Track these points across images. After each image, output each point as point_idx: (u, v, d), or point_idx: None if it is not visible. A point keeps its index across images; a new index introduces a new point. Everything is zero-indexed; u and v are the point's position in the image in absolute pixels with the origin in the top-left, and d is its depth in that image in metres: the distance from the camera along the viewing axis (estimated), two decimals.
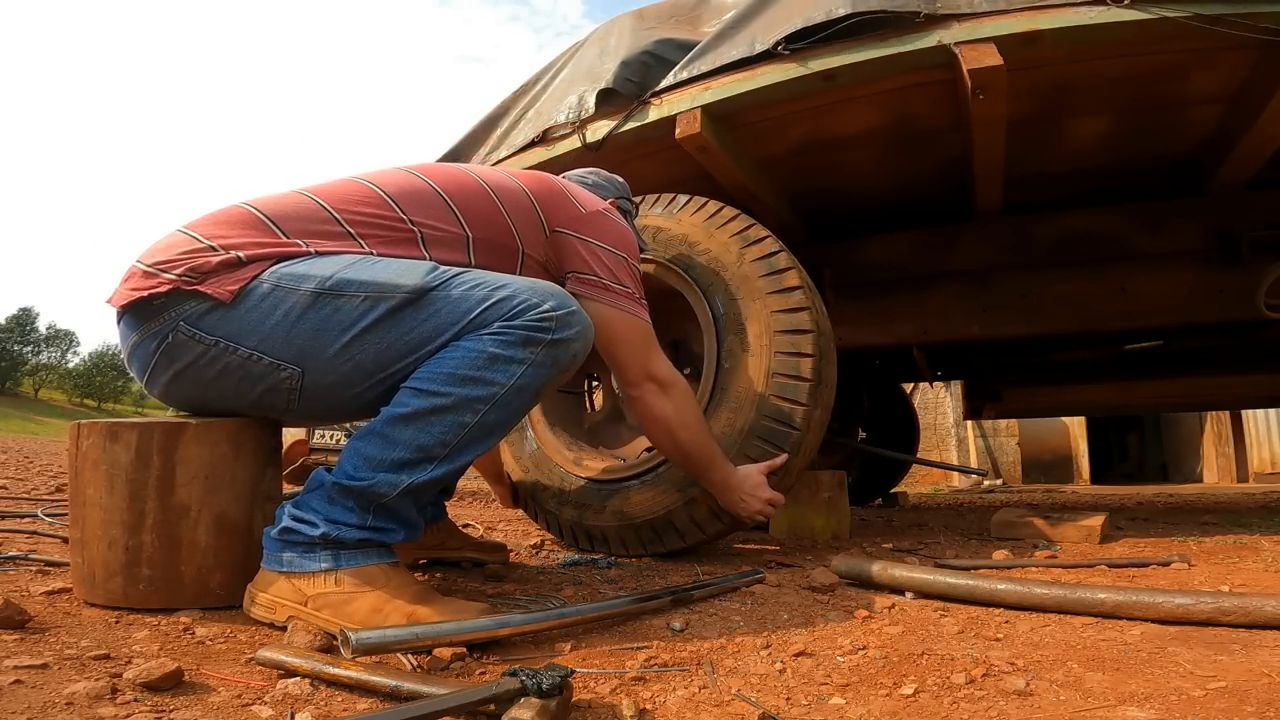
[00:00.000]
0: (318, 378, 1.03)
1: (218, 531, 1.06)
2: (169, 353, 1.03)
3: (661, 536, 1.60)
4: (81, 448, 1.05)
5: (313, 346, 1.01)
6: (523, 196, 1.29)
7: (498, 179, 1.29)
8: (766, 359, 1.57)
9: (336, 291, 1.01)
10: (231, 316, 1.00)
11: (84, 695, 0.68)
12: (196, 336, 1.01)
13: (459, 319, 1.01)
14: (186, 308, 1.00)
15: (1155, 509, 3.31)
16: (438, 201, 1.19)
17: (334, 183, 1.19)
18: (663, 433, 1.39)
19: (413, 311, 1.01)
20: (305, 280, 1.01)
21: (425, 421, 0.99)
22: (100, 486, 1.03)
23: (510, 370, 1.00)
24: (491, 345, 1.00)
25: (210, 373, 1.04)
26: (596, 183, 1.57)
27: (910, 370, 3.70)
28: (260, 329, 1.01)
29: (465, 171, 1.27)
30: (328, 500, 0.99)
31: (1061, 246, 2.31)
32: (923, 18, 1.70)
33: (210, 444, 1.06)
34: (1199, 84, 1.82)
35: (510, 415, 1.04)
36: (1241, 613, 0.95)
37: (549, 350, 1.03)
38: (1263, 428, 8.99)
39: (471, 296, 1.02)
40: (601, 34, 2.35)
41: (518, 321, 1.01)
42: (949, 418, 9.14)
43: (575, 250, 1.31)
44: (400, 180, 1.20)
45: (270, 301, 1.00)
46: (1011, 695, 0.74)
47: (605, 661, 0.87)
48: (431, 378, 1.00)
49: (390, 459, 0.98)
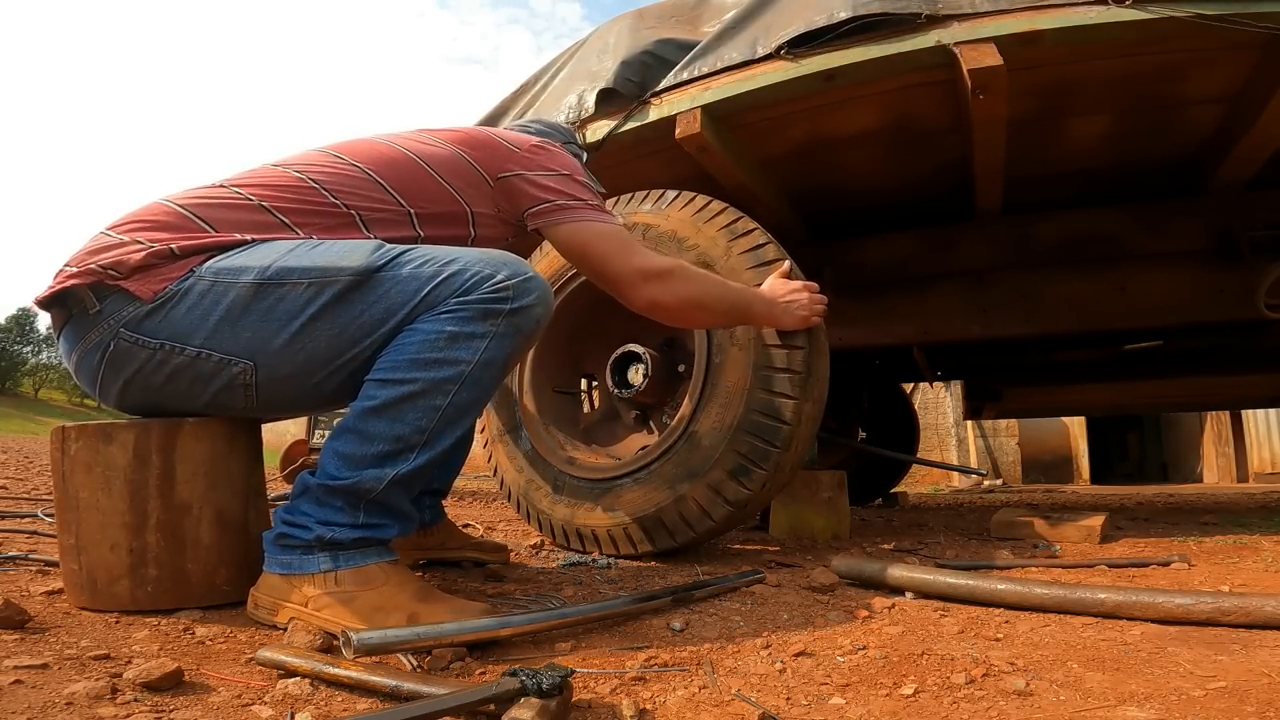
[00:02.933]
0: (271, 370, 1.01)
1: (219, 528, 1.06)
2: (114, 362, 1.01)
3: (652, 535, 1.59)
4: (69, 451, 1.03)
5: (261, 339, 0.99)
6: (458, 160, 1.24)
7: (427, 149, 1.23)
8: (755, 352, 1.56)
9: (278, 280, 0.98)
10: (173, 316, 0.98)
11: (84, 695, 0.68)
12: (139, 342, 0.99)
13: (410, 298, 0.98)
14: (124, 313, 0.98)
15: (1155, 509, 3.30)
16: (367, 181, 1.15)
17: (252, 172, 1.15)
18: (692, 314, 1.35)
19: (360, 294, 0.98)
20: (244, 272, 0.98)
21: (397, 411, 0.97)
22: (95, 489, 1.01)
23: (473, 346, 0.98)
24: (450, 324, 0.97)
25: (160, 377, 1.01)
26: (539, 129, 1.50)
27: (910, 370, 3.70)
28: (204, 326, 0.98)
29: (391, 145, 1.22)
30: (316, 503, 0.98)
31: (1062, 246, 2.31)
32: (923, 18, 1.70)
33: (208, 440, 1.06)
34: (1199, 84, 1.82)
35: (482, 391, 1.02)
36: (1241, 613, 0.95)
37: (510, 320, 1.00)
38: (1263, 428, 8.99)
39: (421, 274, 0.99)
40: (602, 34, 2.35)
41: (473, 296, 0.98)
42: (949, 418, 9.13)
43: (521, 189, 1.26)
44: (323, 163, 1.15)
45: (211, 297, 0.98)
46: (1011, 695, 0.74)
47: (605, 661, 0.87)
48: (395, 366, 0.97)
49: (370, 454, 0.96)
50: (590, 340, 2.02)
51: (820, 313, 1.52)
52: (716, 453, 1.54)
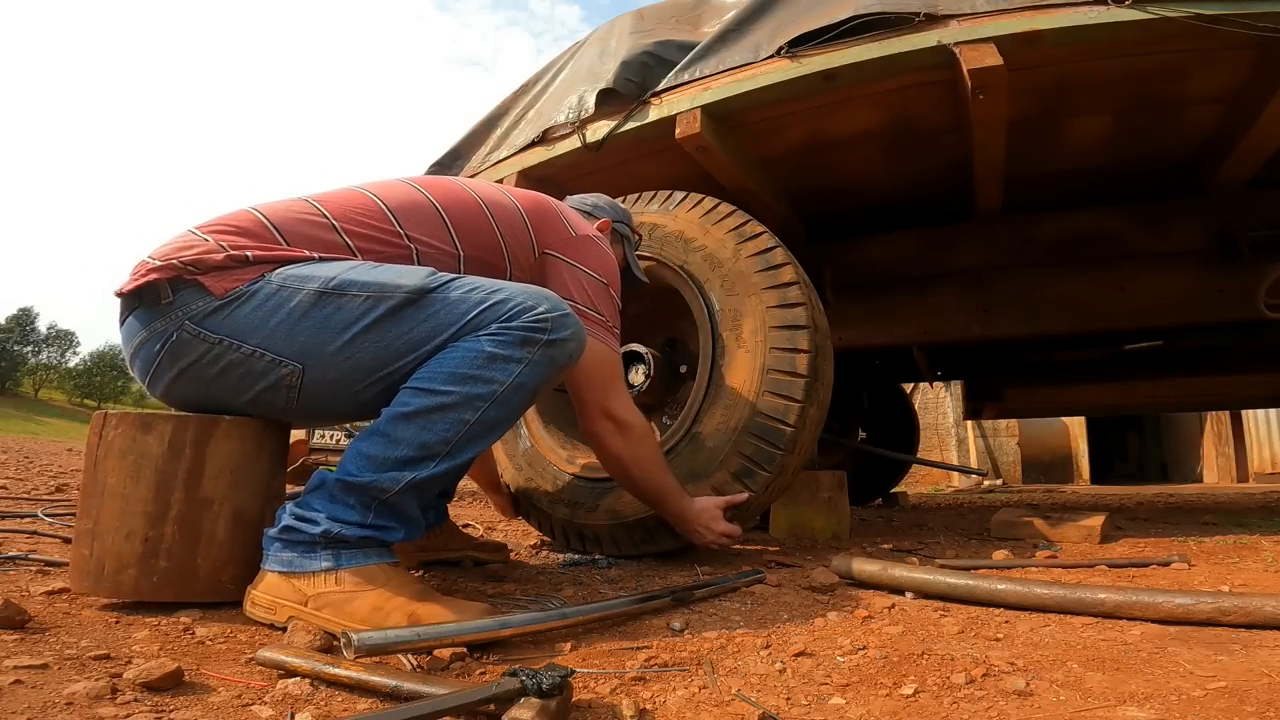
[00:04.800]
0: (318, 375, 1.05)
1: (235, 526, 1.07)
2: (174, 351, 1.05)
3: (654, 536, 1.59)
4: (107, 437, 1.05)
5: (314, 344, 1.03)
6: (516, 215, 1.32)
7: (494, 196, 1.32)
8: (761, 355, 1.56)
9: (340, 290, 1.03)
10: (237, 315, 1.03)
11: (84, 695, 0.68)
12: (201, 335, 1.03)
13: (457, 320, 1.03)
14: (193, 307, 1.03)
15: (1155, 509, 3.30)
16: (435, 218, 1.22)
17: (338, 192, 1.22)
18: (616, 469, 1.43)
19: (413, 311, 1.03)
20: (310, 280, 1.03)
21: (427, 419, 1.00)
22: (125, 476, 1.03)
23: (509, 369, 1.02)
24: (490, 345, 1.02)
25: (212, 370, 1.05)
26: (596, 205, 1.59)
27: (910, 370, 3.70)
28: (264, 327, 1.03)
29: (464, 188, 1.30)
30: (329, 498, 1.00)
31: (1062, 246, 2.31)
32: (923, 18, 1.70)
33: (239, 440, 1.08)
34: (1199, 84, 1.82)
35: (509, 413, 1.06)
36: (1241, 613, 0.95)
37: (545, 350, 1.05)
38: (1263, 428, 8.99)
39: (469, 299, 1.04)
40: (602, 34, 2.35)
41: (515, 323, 1.03)
42: (949, 418, 9.13)
43: (559, 273, 1.34)
44: (401, 194, 1.23)
45: (276, 300, 1.03)
46: (1011, 695, 0.74)
47: (605, 661, 0.87)
48: (432, 377, 1.01)
49: (394, 457, 0.99)
50: None
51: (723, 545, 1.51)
52: (720, 454, 1.54)
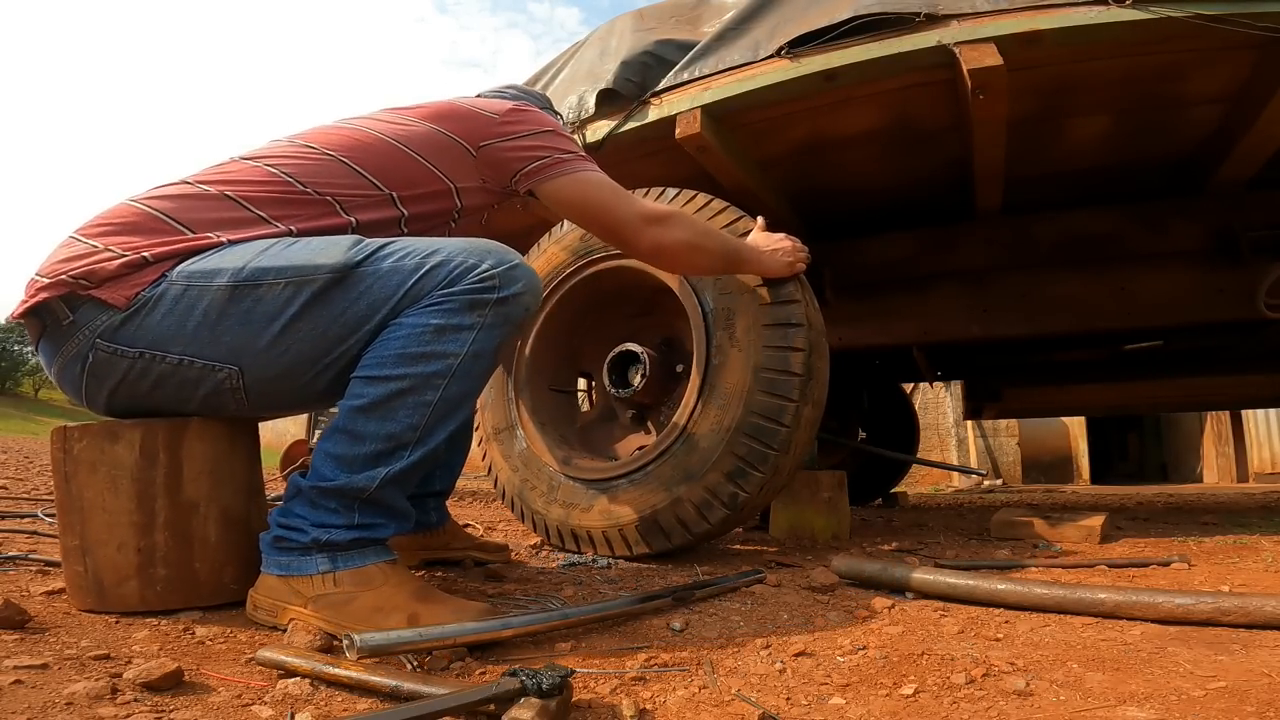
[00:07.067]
0: (258, 374, 0.99)
1: (225, 526, 1.06)
2: (95, 372, 0.99)
3: (647, 538, 1.58)
4: (72, 451, 1.02)
5: (242, 343, 0.97)
6: (435, 136, 1.20)
7: (401, 129, 1.19)
8: (755, 354, 1.55)
9: (254, 281, 0.95)
10: (148, 323, 0.96)
11: (84, 695, 0.68)
12: (118, 351, 0.97)
13: (393, 292, 0.96)
14: (98, 323, 0.96)
15: (1155, 509, 3.30)
16: (342, 169, 1.12)
17: (218, 167, 1.11)
18: (694, 256, 1.36)
19: (341, 292, 0.96)
20: (217, 275, 0.96)
21: (387, 408, 0.95)
22: (101, 489, 1.01)
23: (461, 338, 0.96)
24: (435, 317, 0.95)
25: (144, 385, 1.00)
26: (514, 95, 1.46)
27: (910, 370, 3.70)
28: (183, 332, 0.96)
29: (361, 129, 1.17)
30: (310, 505, 0.96)
31: (1062, 246, 2.31)
32: (923, 18, 1.70)
33: (212, 440, 1.06)
34: (1199, 84, 1.82)
35: (473, 383, 1.00)
36: (1241, 613, 0.95)
37: (498, 310, 0.98)
38: (1263, 428, 8.99)
39: (403, 267, 0.97)
40: (602, 34, 2.35)
41: (458, 287, 0.96)
42: (949, 418, 9.13)
43: (506, 154, 1.23)
44: (292, 154, 1.11)
45: (185, 303, 0.95)
46: (1011, 695, 0.74)
47: (605, 661, 0.86)
48: (381, 362, 0.95)
49: (362, 454, 0.95)
50: (587, 338, 2.01)
51: (804, 260, 1.54)
52: (714, 455, 1.53)
